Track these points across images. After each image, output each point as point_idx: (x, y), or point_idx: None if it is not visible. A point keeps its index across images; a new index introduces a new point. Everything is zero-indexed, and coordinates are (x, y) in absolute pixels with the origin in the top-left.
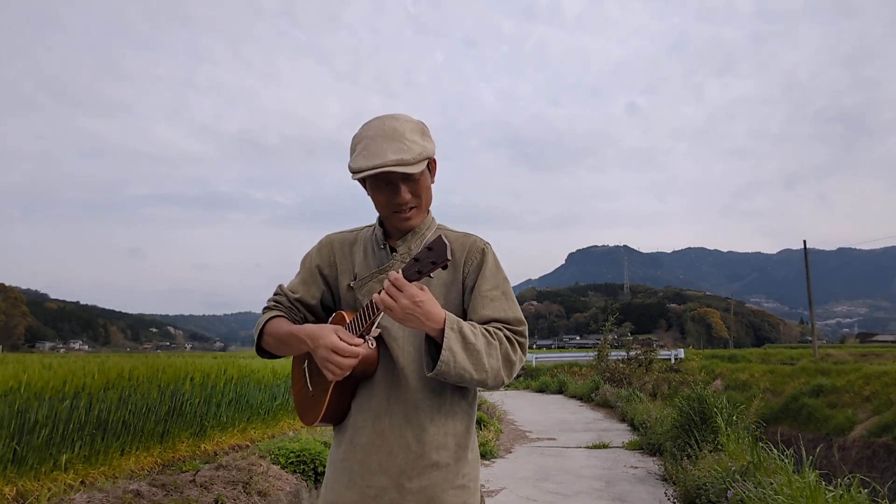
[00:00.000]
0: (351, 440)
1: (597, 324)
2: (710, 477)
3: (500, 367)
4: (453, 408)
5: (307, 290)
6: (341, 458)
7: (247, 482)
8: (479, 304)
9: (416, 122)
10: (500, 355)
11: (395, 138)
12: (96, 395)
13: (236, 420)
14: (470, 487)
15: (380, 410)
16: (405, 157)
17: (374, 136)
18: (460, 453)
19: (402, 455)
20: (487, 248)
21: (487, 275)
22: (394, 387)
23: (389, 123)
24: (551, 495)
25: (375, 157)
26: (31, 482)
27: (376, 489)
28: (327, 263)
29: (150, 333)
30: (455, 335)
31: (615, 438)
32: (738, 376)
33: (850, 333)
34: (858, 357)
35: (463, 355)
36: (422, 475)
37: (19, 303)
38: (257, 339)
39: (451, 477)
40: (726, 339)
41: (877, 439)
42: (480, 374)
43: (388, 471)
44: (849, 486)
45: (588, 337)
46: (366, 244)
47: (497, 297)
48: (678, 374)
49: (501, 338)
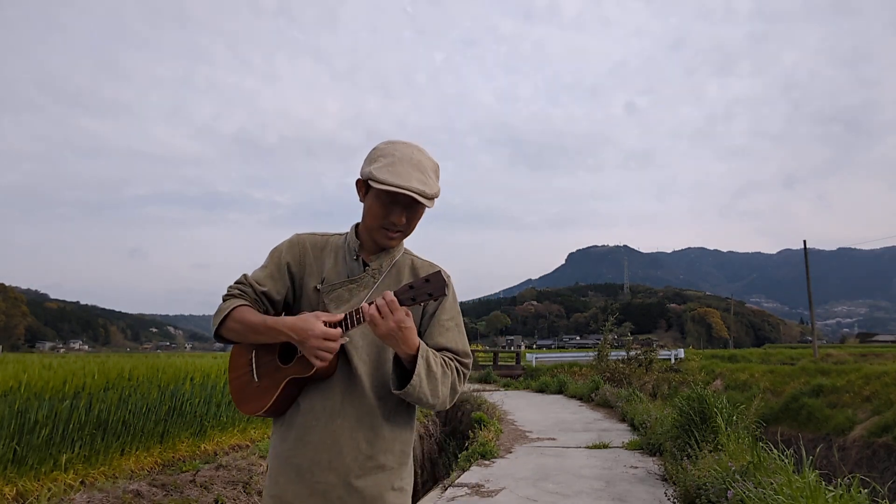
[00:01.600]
0: (301, 437)
1: (597, 324)
2: (710, 477)
3: (447, 394)
4: (401, 416)
5: (274, 284)
6: (288, 453)
7: (247, 482)
8: (436, 332)
9: (436, 164)
10: (450, 384)
11: (421, 170)
12: (96, 395)
13: (236, 420)
14: (406, 490)
15: (334, 412)
16: (427, 190)
17: (402, 159)
18: (403, 459)
19: (352, 455)
20: (449, 281)
21: (447, 306)
22: (349, 391)
23: (416, 155)
24: (551, 495)
25: (402, 179)
26: (31, 482)
27: (325, 485)
28: (297, 262)
29: (150, 333)
30: (423, 364)
31: (615, 438)
32: (738, 376)
33: (850, 333)
34: (858, 357)
35: (426, 382)
36: (368, 475)
37: (19, 303)
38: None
39: (394, 479)
40: (726, 339)
41: (877, 439)
42: (434, 399)
43: (338, 469)
44: (849, 486)
45: (588, 337)
46: (337, 251)
47: (452, 328)
48: (678, 374)
49: (453, 369)
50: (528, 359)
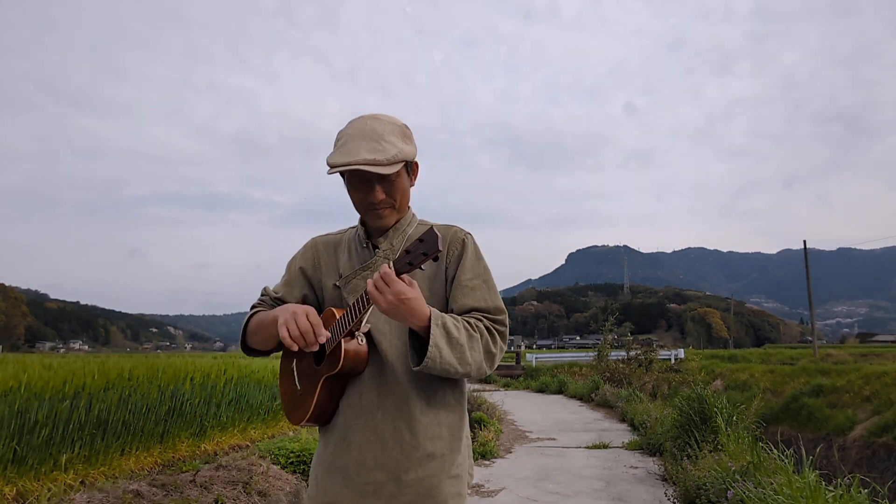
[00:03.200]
0: (343, 438)
1: (597, 324)
2: (710, 477)
3: (482, 359)
4: (445, 398)
5: (289, 290)
6: (331, 457)
7: (247, 482)
8: (459, 294)
9: (400, 124)
10: (482, 348)
11: (373, 138)
12: (96, 395)
13: (236, 420)
14: (462, 477)
15: (371, 406)
16: (378, 157)
17: (353, 135)
18: (454, 443)
19: (398, 448)
20: (468, 239)
21: (467, 265)
22: (383, 381)
23: (370, 123)
24: (551, 495)
25: (349, 155)
26: (31, 482)
27: (374, 484)
28: (311, 265)
29: (150, 333)
30: (440, 331)
31: (615, 438)
32: (738, 376)
33: (850, 333)
34: (858, 357)
35: (448, 350)
36: (418, 467)
37: (19, 303)
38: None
39: (447, 467)
40: (726, 339)
41: (877, 439)
42: (465, 367)
43: (385, 465)
44: (849, 486)
45: (588, 337)
46: (349, 244)
47: (478, 286)
48: (678, 375)
49: (482, 329)
50: (528, 359)
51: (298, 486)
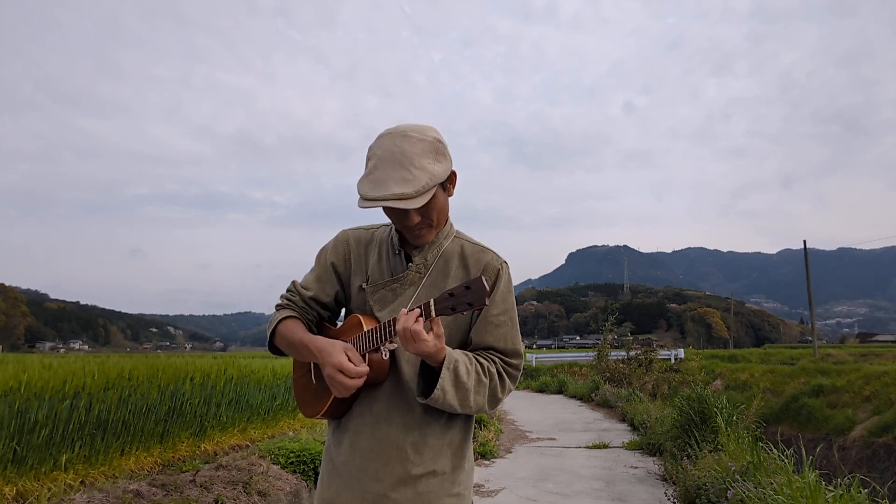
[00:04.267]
0: (352, 443)
1: (597, 324)
2: (710, 477)
3: (484, 402)
4: (452, 419)
5: (321, 287)
6: (343, 459)
7: (247, 482)
8: (483, 329)
9: (431, 140)
10: (488, 393)
11: (402, 165)
12: (96, 395)
13: (236, 420)
14: (464, 495)
15: (380, 417)
16: (407, 190)
17: (383, 159)
18: (457, 462)
19: (400, 464)
20: (503, 270)
21: (498, 299)
22: (395, 396)
23: (400, 144)
24: (551, 495)
25: (378, 188)
26: (31, 482)
27: (373, 494)
28: (342, 260)
29: (150, 333)
30: (450, 375)
31: (615, 438)
32: (738, 376)
33: (850, 333)
34: (858, 357)
35: (452, 393)
36: (418, 482)
37: (19, 303)
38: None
39: (448, 485)
40: (726, 339)
41: (877, 439)
42: (465, 409)
43: (384, 479)
44: (849, 486)
45: (588, 337)
46: (381, 246)
47: (503, 324)
48: (678, 374)
49: (493, 374)
50: (528, 359)
51: (298, 486)
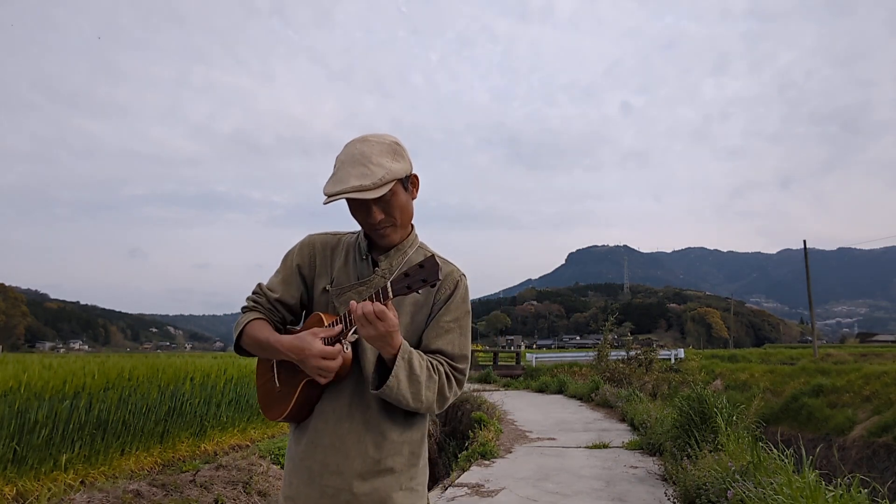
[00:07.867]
0: (312, 441)
1: (597, 324)
2: (710, 477)
3: (434, 399)
4: (411, 417)
5: (287, 289)
6: (301, 455)
7: (247, 482)
8: (433, 333)
9: (389, 142)
10: (437, 389)
11: (361, 163)
12: (96, 395)
13: (236, 420)
14: (419, 491)
15: (341, 415)
16: (365, 182)
17: (345, 161)
18: (413, 460)
19: (360, 459)
20: (461, 281)
21: (452, 306)
22: (356, 393)
23: (359, 147)
24: (551, 495)
25: (340, 183)
26: (31, 482)
27: (333, 489)
28: (307, 264)
29: (150, 333)
30: (404, 364)
31: (615, 438)
32: (738, 376)
33: (850, 333)
34: (858, 357)
35: (406, 384)
36: (375, 478)
37: (19, 303)
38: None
39: (403, 480)
40: (726, 339)
41: (877, 439)
42: (416, 403)
43: (344, 473)
44: (849, 486)
45: (588, 337)
46: (348, 251)
47: (452, 330)
48: (678, 374)
49: (441, 373)
50: (528, 359)
51: None
